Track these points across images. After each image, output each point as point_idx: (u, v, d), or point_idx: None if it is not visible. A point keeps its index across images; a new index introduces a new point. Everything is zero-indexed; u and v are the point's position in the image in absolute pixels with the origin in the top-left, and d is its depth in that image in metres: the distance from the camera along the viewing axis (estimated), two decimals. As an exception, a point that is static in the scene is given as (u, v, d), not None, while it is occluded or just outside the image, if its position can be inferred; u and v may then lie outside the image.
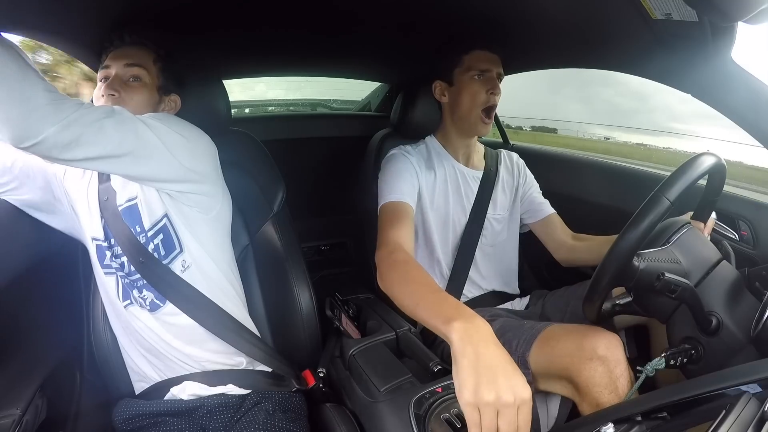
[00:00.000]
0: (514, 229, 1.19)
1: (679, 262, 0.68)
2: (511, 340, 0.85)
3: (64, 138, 0.58)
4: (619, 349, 0.73)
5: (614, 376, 0.71)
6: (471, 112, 1.05)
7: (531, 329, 0.85)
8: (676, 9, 0.69)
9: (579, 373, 0.73)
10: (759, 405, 0.43)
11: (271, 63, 1.52)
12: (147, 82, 0.84)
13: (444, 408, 0.66)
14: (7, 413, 0.66)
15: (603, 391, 0.70)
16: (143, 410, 0.81)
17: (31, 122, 0.56)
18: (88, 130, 0.60)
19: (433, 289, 0.69)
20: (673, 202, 0.62)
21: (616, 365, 0.71)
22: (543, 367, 0.80)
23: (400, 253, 0.81)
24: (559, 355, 0.77)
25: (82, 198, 0.85)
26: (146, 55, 0.85)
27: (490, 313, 1.01)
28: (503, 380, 0.51)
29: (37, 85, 0.56)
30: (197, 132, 0.83)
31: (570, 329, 0.80)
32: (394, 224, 0.90)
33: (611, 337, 0.74)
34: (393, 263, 0.78)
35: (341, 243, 1.85)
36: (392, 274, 0.77)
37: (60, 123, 0.57)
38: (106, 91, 0.80)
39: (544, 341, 0.81)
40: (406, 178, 1.01)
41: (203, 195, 0.83)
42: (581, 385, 0.73)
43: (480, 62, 1.04)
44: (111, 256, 0.83)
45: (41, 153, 0.59)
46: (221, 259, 0.88)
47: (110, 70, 0.83)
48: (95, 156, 0.63)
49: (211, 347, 0.84)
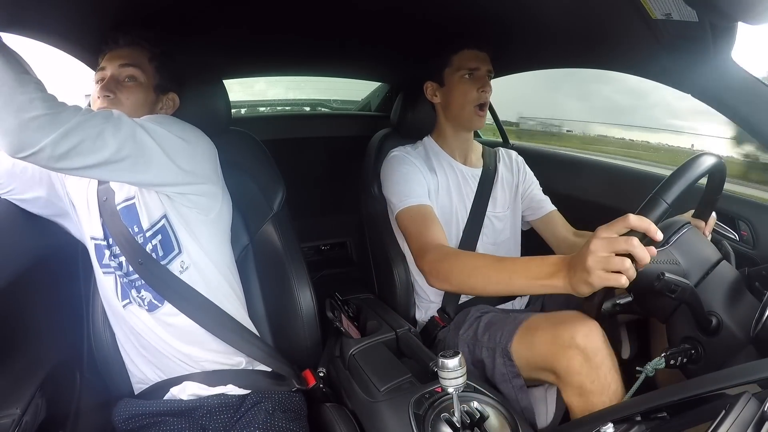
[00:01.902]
0: (516, 227, 1.19)
1: (679, 263, 0.68)
2: (496, 333, 0.86)
3: (62, 147, 0.58)
4: (598, 337, 0.72)
5: (594, 364, 0.70)
6: (463, 109, 1.06)
7: (514, 320, 0.86)
8: (676, 9, 0.69)
9: (558, 362, 0.73)
10: (759, 405, 0.43)
11: (271, 63, 1.52)
12: (142, 81, 0.84)
13: (443, 408, 0.66)
14: (7, 413, 0.66)
15: (585, 380, 0.70)
16: (143, 410, 0.81)
17: (29, 132, 0.55)
18: (86, 139, 0.60)
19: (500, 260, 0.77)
20: (670, 205, 0.62)
21: (596, 353, 0.71)
22: (524, 357, 0.80)
23: (447, 249, 0.85)
24: (539, 344, 0.77)
25: (82, 198, 0.85)
26: (141, 55, 0.85)
27: (483, 309, 1.02)
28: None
29: (34, 94, 0.55)
30: (196, 133, 0.83)
31: (550, 318, 0.81)
32: (427, 227, 0.93)
33: (590, 324, 0.73)
34: (447, 261, 0.82)
35: (341, 243, 1.85)
36: (456, 270, 0.80)
37: (58, 132, 0.57)
38: (101, 92, 0.80)
39: (526, 331, 0.82)
40: (417, 179, 1.01)
41: (203, 196, 0.83)
42: (561, 374, 0.73)
43: (469, 61, 1.04)
44: (110, 256, 0.82)
45: (39, 162, 0.58)
46: (220, 260, 0.88)
47: (105, 71, 0.83)
48: (93, 164, 0.62)
49: (210, 347, 0.84)
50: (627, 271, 0.59)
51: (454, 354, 0.58)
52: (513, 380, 0.82)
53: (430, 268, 0.85)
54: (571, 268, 0.65)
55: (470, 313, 1.00)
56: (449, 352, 0.59)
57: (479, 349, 0.89)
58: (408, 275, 1.12)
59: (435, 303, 1.10)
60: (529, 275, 0.72)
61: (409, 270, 1.12)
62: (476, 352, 0.90)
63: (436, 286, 0.85)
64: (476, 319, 0.97)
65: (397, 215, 0.99)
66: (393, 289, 1.12)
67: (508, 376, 0.82)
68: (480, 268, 0.78)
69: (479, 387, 0.72)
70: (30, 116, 0.55)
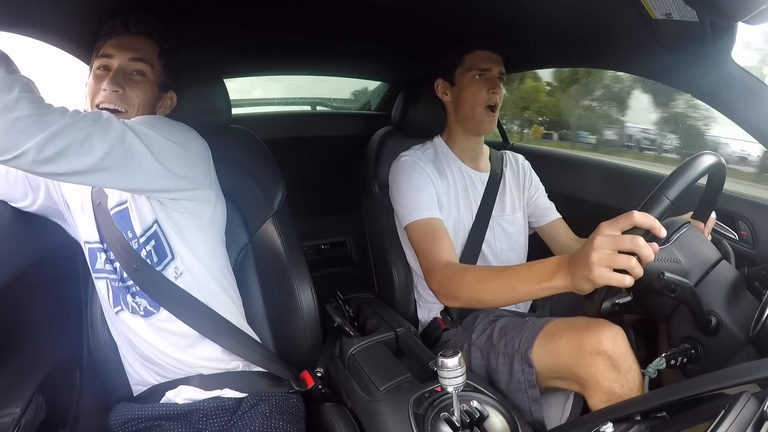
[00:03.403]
0: (526, 231, 1.18)
1: (679, 261, 0.68)
2: (514, 339, 0.84)
3: (48, 150, 0.55)
4: (625, 342, 0.71)
5: (623, 370, 0.70)
6: (474, 110, 1.05)
7: (533, 326, 0.84)
8: (676, 9, 0.69)
9: (584, 369, 0.72)
10: (758, 405, 0.43)
11: (271, 62, 1.52)
12: (150, 78, 0.81)
13: (443, 407, 0.67)
14: (7, 412, 0.66)
15: (614, 385, 0.69)
16: (139, 414, 0.80)
17: (13, 134, 0.52)
18: (73, 142, 0.57)
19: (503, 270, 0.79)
20: (673, 201, 0.62)
21: (624, 359, 0.70)
22: (547, 364, 0.78)
23: (454, 268, 0.86)
24: (563, 351, 0.76)
25: (77, 200, 0.83)
26: (152, 49, 0.81)
27: (494, 313, 1.00)
28: None
29: (21, 94, 0.53)
30: (189, 135, 0.80)
31: (572, 323, 0.79)
32: (435, 243, 0.93)
33: (615, 329, 0.72)
34: (455, 281, 0.83)
35: (341, 242, 1.85)
36: (464, 288, 0.82)
37: (43, 134, 0.53)
38: (109, 86, 0.75)
39: (547, 337, 0.80)
40: (426, 189, 1.00)
41: (195, 201, 0.81)
42: (588, 381, 0.72)
43: (481, 62, 1.04)
44: (105, 260, 0.81)
45: (22, 166, 0.55)
46: (214, 265, 0.85)
47: (112, 60, 0.78)
48: (79, 170, 0.59)
49: (206, 353, 0.83)
50: (633, 269, 0.59)
51: (454, 353, 0.58)
52: (529, 390, 0.79)
53: (438, 288, 0.87)
54: (572, 266, 0.65)
55: (480, 317, 0.99)
56: (449, 351, 0.59)
57: (495, 355, 0.86)
58: (408, 275, 1.12)
59: (438, 304, 1.08)
60: (531, 280, 0.72)
61: (410, 270, 1.12)
62: (491, 359, 0.87)
63: (447, 305, 0.86)
64: (490, 323, 0.94)
65: (406, 227, 0.99)
66: (393, 289, 1.12)
67: (525, 385, 0.80)
68: (485, 282, 0.79)
69: (479, 386, 0.72)
70: (14, 116, 0.52)
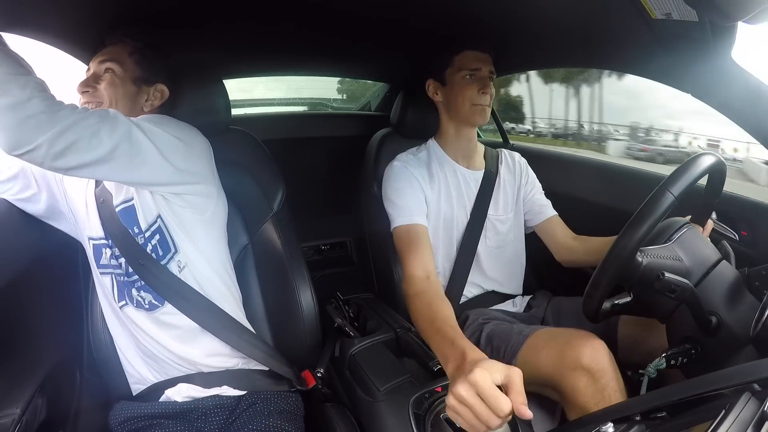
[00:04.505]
0: (520, 229, 1.19)
1: (681, 260, 0.68)
2: (499, 347, 0.86)
3: (59, 145, 0.59)
4: (606, 358, 0.72)
5: (600, 386, 0.70)
6: (464, 106, 1.06)
7: (518, 335, 0.85)
8: (676, 9, 0.69)
9: (563, 382, 0.73)
10: (758, 404, 0.43)
11: (271, 63, 1.52)
12: (119, 74, 0.84)
13: (443, 408, 0.66)
14: (7, 412, 0.66)
15: (589, 401, 0.70)
16: (138, 413, 0.80)
17: (26, 129, 0.56)
18: (82, 137, 0.61)
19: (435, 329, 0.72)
20: (677, 197, 0.62)
21: (602, 375, 0.70)
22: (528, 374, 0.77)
23: (417, 288, 0.86)
24: (544, 363, 0.77)
25: (80, 199, 0.85)
26: (122, 51, 0.85)
27: (484, 315, 1.01)
28: None
29: (33, 93, 0.56)
30: (192, 132, 0.83)
31: (555, 335, 0.80)
32: (411, 251, 0.93)
33: (596, 344, 0.73)
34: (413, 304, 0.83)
35: (341, 243, 1.85)
36: (412, 311, 0.82)
37: (54, 130, 0.58)
38: (80, 88, 0.81)
39: (530, 349, 0.81)
40: (411, 194, 1.01)
41: (198, 196, 0.83)
42: (566, 394, 0.73)
43: (470, 62, 1.04)
44: (111, 256, 0.82)
45: (35, 160, 0.59)
46: (216, 259, 0.88)
47: (89, 71, 0.85)
48: (88, 162, 0.63)
49: (207, 348, 0.84)
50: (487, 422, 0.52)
51: None
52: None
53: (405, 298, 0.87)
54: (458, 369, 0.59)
55: (470, 319, 1.00)
56: None
57: None
58: None
59: None
60: (440, 352, 0.68)
61: None
62: None
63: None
64: (478, 327, 0.96)
65: (392, 231, 1.00)
66: (393, 289, 1.11)
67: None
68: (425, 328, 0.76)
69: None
70: (28, 114, 0.56)
